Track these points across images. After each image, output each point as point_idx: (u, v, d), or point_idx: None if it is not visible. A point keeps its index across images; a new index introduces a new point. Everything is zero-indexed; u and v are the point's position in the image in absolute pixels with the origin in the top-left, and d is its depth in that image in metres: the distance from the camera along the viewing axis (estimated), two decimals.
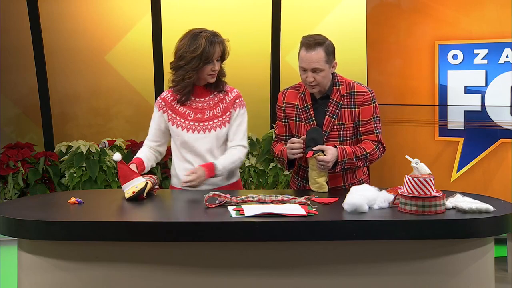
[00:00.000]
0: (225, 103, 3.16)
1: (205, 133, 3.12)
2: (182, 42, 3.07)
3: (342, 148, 3.01)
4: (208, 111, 3.14)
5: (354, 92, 3.10)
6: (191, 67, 3.03)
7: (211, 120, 3.13)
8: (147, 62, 5.78)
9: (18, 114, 5.96)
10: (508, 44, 4.14)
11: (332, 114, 3.09)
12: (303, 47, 3.03)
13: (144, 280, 2.41)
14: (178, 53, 3.07)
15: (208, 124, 3.13)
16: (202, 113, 3.13)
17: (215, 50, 3.04)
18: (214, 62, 3.06)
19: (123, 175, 2.81)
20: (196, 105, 3.14)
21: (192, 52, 3.02)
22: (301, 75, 3.06)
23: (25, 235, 2.45)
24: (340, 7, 5.82)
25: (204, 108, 3.14)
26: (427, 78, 4.41)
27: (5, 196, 5.15)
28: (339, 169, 3.01)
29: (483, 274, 2.52)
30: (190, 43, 3.03)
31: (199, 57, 3.01)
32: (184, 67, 3.05)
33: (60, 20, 5.85)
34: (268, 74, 5.79)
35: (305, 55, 3.01)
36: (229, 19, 5.69)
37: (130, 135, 5.76)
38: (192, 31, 3.09)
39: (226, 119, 3.15)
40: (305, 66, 3.02)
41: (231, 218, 2.43)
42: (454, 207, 2.55)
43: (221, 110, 3.15)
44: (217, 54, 3.06)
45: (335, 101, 3.09)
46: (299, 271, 2.42)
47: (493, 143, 4.23)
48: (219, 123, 3.13)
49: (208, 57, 3.03)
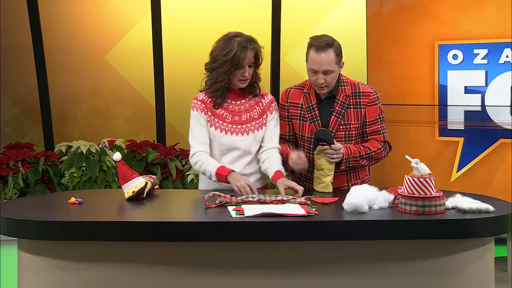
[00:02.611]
0: (261, 106, 3.15)
1: (243, 135, 3.10)
2: (217, 44, 3.04)
3: (347, 146, 3.01)
4: (245, 114, 3.12)
5: (360, 92, 3.10)
6: (223, 71, 3.00)
7: (249, 122, 3.12)
8: (147, 62, 5.78)
9: (18, 114, 5.96)
10: (508, 44, 4.14)
11: (338, 114, 3.09)
12: (313, 49, 3.01)
13: (144, 280, 2.41)
14: (212, 54, 3.05)
15: (246, 127, 3.11)
16: (239, 116, 3.11)
17: (246, 55, 3.00)
18: (245, 68, 3.01)
19: (123, 175, 2.81)
20: (233, 107, 3.11)
21: (224, 56, 2.98)
22: (311, 76, 3.05)
23: (25, 235, 2.45)
24: (340, 7, 5.82)
25: (240, 110, 3.12)
26: (427, 78, 4.41)
27: (5, 196, 5.15)
28: (343, 166, 3.02)
29: (483, 274, 2.52)
30: (223, 46, 3.00)
31: (230, 61, 2.98)
32: (216, 70, 3.02)
33: (60, 20, 5.85)
34: (268, 74, 5.79)
35: (316, 57, 2.99)
36: (229, 19, 5.69)
37: (130, 135, 5.76)
38: (228, 34, 3.05)
39: (263, 122, 3.14)
40: (316, 68, 3.00)
41: (231, 218, 2.43)
42: (454, 207, 2.55)
43: (257, 112, 3.14)
44: (248, 60, 3.01)
45: (341, 101, 3.09)
46: (299, 271, 2.42)
47: (493, 143, 4.23)
48: (256, 126, 3.12)
49: (238, 62, 2.98)
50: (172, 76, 5.82)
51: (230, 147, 3.09)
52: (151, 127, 5.87)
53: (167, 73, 5.79)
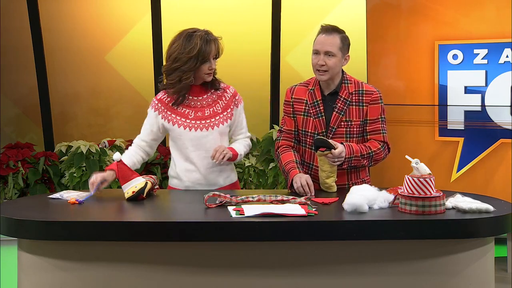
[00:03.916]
0: (224, 100, 3.17)
1: (208, 130, 3.12)
2: (176, 44, 3.05)
3: (349, 145, 3.01)
4: (208, 109, 3.14)
5: (363, 90, 3.11)
6: (188, 68, 3.02)
7: (213, 117, 3.13)
8: (147, 62, 5.78)
9: (18, 114, 5.96)
10: (508, 44, 4.14)
11: (340, 110, 3.09)
12: (320, 32, 3.06)
13: (144, 280, 2.41)
14: (172, 55, 3.05)
15: (210, 122, 3.12)
16: (202, 111, 3.13)
17: (211, 48, 3.03)
18: (211, 61, 3.05)
19: (122, 175, 2.81)
20: (195, 103, 3.14)
21: (188, 53, 3.00)
22: (313, 60, 3.06)
23: (25, 235, 2.45)
24: (340, 7, 5.83)
25: (203, 106, 3.14)
26: (427, 78, 4.41)
27: (5, 196, 5.15)
28: (346, 165, 3.02)
29: (483, 274, 2.52)
30: (185, 44, 3.02)
31: (195, 57, 3.01)
32: (180, 69, 3.03)
33: (60, 20, 5.85)
34: (268, 74, 5.79)
35: (320, 38, 3.04)
36: (229, 19, 5.69)
37: (130, 135, 5.73)
38: (184, 32, 3.07)
39: (227, 115, 3.16)
40: (319, 48, 3.03)
41: (231, 218, 2.43)
42: (454, 207, 2.55)
43: (221, 107, 3.16)
44: (213, 52, 3.05)
45: (343, 98, 3.10)
46: (299, 271, 2.42)
47: (493, 143, 4.23)
48: (221, 120, 3.14)
49: (204, 56, 3.02)
50: None
51: (197, 143, 3.11)
52: None
53: None
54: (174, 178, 3.21)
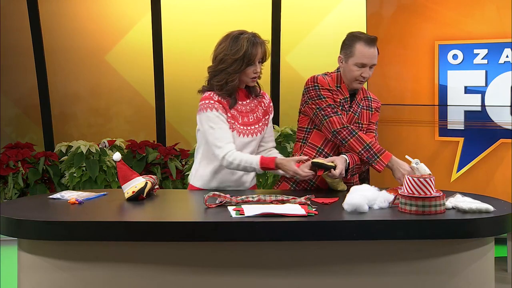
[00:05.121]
0: (264, 106, 3.15)
1: (253, 136, 3.09)
2: (222, 45, 2.99)
3: (351, 155, 3.05)
4: (252, 115, 3.10)
5: (370, 97, 3.26)
6: (234, 70, 2.95)
7: (256, 123, 3.10)
8: (147, 62, 5.78)
9: (18, 114, 5.97)
10: (508, 44, 4.14)
11: (355, 112, 3.16)
12: (362, 42, 3.04)
13: (144, 280, 2.41)
14: (218, 56, 2.99)
15: (254, 128, 3.09)
16: (247, 117, 3.08)
17: (257, 51, 2.97)
18: (256, 64, 2.99)
19: (122, 175, 2.81)
20: (241, 108, 3.07)
21: (233, 55, 2.94)
22: (355, 71, 3.05)
23: (25, 235, 2.45)
24: (340, 7, 5.83)
25: (247, 111, 3.09)
26: (427, 78, 4.41)
27: (5, 196, 5.15)
28: (349, 175, 3.08)
29: (483, 274, 2.52)
30: (231, 45, 2.96)
31: (241, 59, 2.94)
32: (225, 70, 2.97)
33: (60, 20, 5.86)
34: (268, 74, 5.79)
35: (368, 51, 3.04)
36: (229, 19, 5.69)
37: (130, 135, 5.77)
38: (232, 33, 3.00)
39: (265, 122, 3.15)
40: (367, 62, 3.05)
41: (231, 218, 2.42)
42: (454, 207, 2.55)
43: (261, 113, 3.14)
44: (259, 55, 2.98)
45: (357, 101, 3.18)
46: (299, 271, 2.42)
47: (493, 143, 4.23)
48: (262, 126, 3.13)
49: (250, 59, 2.96)
50: (172, 76, 5.83)
51: (241, 148, 3.04)
52: (151, 127, 5.87)
53: (167, 73, 5.80)
54: (199, 180, 3.10)
